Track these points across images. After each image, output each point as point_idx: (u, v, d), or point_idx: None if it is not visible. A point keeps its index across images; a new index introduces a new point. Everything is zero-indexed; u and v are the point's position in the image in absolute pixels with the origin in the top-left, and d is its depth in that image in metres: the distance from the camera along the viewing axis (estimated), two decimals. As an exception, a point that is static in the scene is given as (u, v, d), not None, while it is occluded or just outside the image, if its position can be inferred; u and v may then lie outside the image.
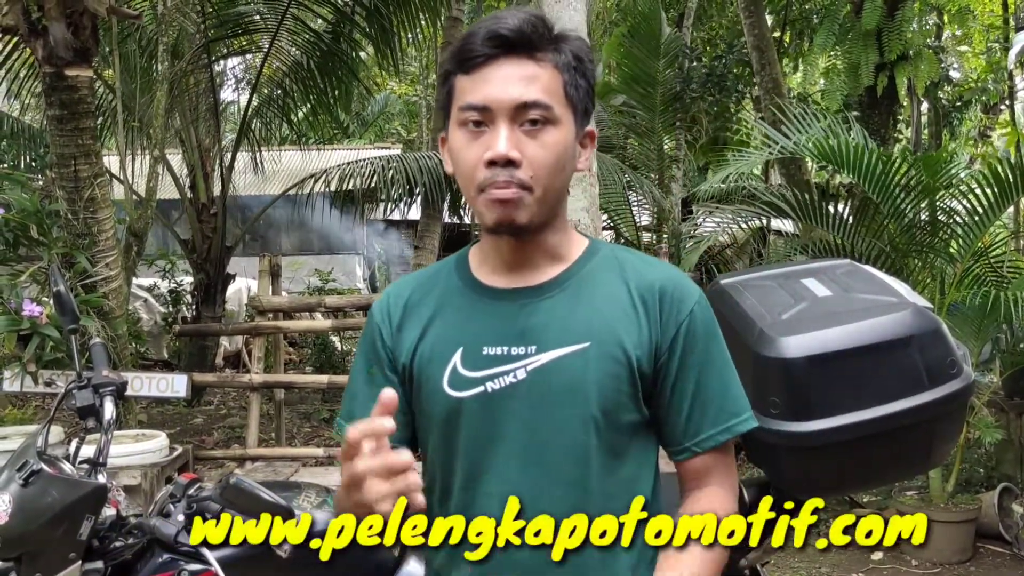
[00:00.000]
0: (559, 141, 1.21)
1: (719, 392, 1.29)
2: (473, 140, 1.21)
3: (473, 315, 1.30)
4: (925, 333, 1.70)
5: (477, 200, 1.22)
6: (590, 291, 1.28)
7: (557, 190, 1.25)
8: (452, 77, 1.25)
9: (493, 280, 1.31)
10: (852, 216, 5.33)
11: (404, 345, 1.33)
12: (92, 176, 4.48)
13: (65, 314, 2.08)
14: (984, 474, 5.01)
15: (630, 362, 1.23)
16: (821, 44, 8.43)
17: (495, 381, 1.25)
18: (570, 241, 1.33)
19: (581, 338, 1.24)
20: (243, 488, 1.73)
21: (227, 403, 8.45)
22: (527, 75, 1.20)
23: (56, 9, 4.20)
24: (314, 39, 8.28)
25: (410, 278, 1.42)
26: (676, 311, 1.26)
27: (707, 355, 1.28)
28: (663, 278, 1.29)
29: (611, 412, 1.23)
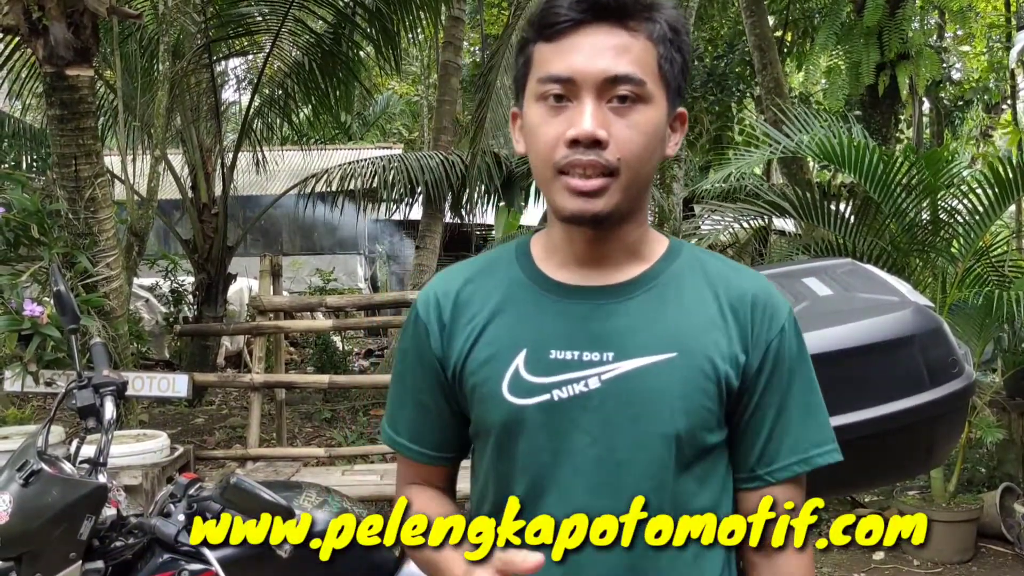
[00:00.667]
0: (650, 121, 1.08)
1: (802, 418, 1.15)
2: (553, 116, 1.07)
3: (539, 313, 1.15)
4: (927, 332, 1.70)
5: (553, 184, 1.08)
6: (676, 295, 1.15)
7: (644, 177, 1.11)
8: (531, 45, 1.12)
9: (563, 275, 1.17)
10: (853, 215, 5.33)
11: (455, 347, 1.18)
12: (93, 176, 4.48)
13: (65, 314, 2.08)
14: (986, 474, 5.00)
15: (718, 377, 1.11)
16: (823, 43, 8.43)
17: (563, 389, 1.11)
18: (651, 238, 1.20)
19: (667, 347, 1.10)
20: (243, 488, 1.73)
21: (228, 403, 8.45)
22: (618, 45, 1.06)
23: (57, 9, 4.20)
24: (315, 40, 8.28)
25: (459, 268, 1.26)
26: (767, 326, 1.14)
27: (794, 377, 1.15)
28: (755, 288, 1.16)
29: (696, 432, 1.11)
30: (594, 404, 1.10)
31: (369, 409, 7.96)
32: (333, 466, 5.47)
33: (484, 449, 1.19)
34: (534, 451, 1.12)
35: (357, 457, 5.77)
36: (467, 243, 14.47)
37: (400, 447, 1.27)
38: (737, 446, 1.17)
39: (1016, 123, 10.89)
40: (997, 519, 4.44)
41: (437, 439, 1.26)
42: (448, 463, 1.28)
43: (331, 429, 7.33)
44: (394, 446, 1.28)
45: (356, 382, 6.89)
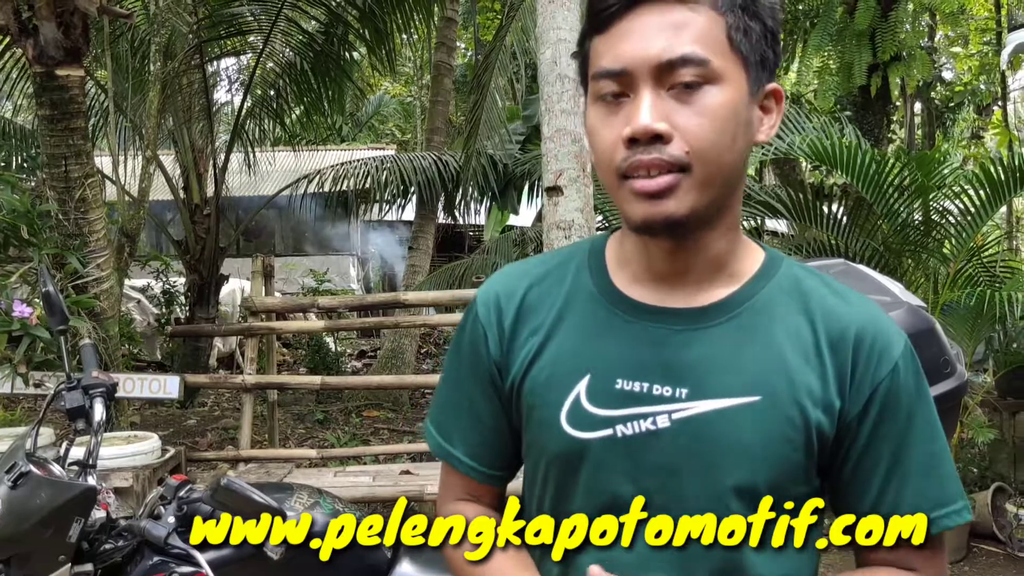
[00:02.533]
0: (724, 103, 0.92)
1: (923, 470, 0.99)
2: (611, 115, 0.94)
3: (606, 334, 1.01)
4: (919, 332, 1.70)
5: (619, 192, 0.95)
6: (766, 325, 0.99)
7: (726, 170, 0.94)
8: (587, 40, 0.99)
9: (637, 291, 1.02)
10: (846, 216, 5.34)
11: (517, 357, 1.05)
12: (83, 176, 4.46)
13: (54, 315, 2.07)
14: (978, 474, 5.02)
15: (808, 425, 0.96)
16: (815, 44, 8.44)
17: (628, 425, 0.98)
18: (743, 250, 1.03)
19: (751, 389, 0.96)
20: (234, 489, 1.72)
21: (220, 404, 8.43)
22: (673, 23, 0.91)
23: (46, 8, 4.18)
24: (307, 40, 8.27)
25: (525, 267, 1.12)
26: (875, 366, 0.97)
27: (910, 422, 0.99)
28: (862, 320, 0.99)
29: (779, 486, 0.96)
30: (662, 445, 0.97)
31: (362, 410, 7.95)
32: (325, 467, 5.46)
33: (536, 474, 1.08)
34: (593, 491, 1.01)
35: (350, 458, 5.77)
36: (460, 243, 14.47)
37: (453, 460, 1.13)
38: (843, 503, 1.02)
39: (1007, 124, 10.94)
40: (989, 519, 4.45)
41: (493, 456, 1.13)
42: (501, 482, 1.16)
43: (323, 430, 7.31)
44: (447, 458, 1.14)
45: (349, 383, 6.88)
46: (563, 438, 1.01)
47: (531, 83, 10.77)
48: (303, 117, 9.60)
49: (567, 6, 4.09)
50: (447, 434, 1.14)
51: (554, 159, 3.98)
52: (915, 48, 8.39)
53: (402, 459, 5.34)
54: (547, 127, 4.07)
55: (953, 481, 1.02)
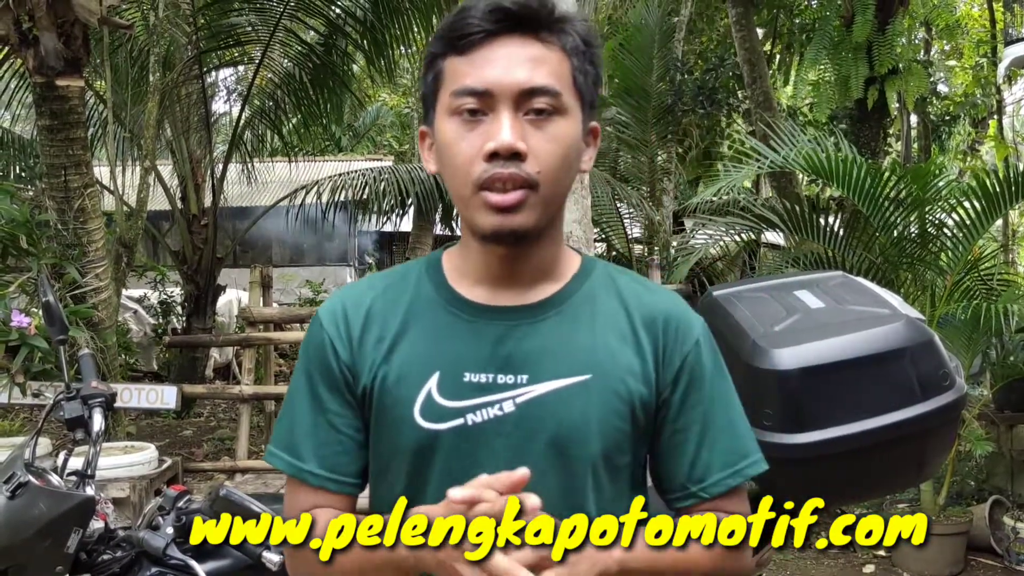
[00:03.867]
0: (568, 134, 1.06)
1: (727, 431, 1.15)
2: (469, 130, 1.04)
3: (452, 334, 1.11)
4: (918, 345, 1.71)
5: (471, 201, 1.05)
6: (589, 315, 1.13)
7: (562, 193, 1.09)
8: (441, 59, 1.08)
9: (475, 294, 1.13)
10: (842, 229, 5.35)
11: (366, 363, 1.12)
12: (82, 186, 4.47)
13: (53, 324, 2.07)
14: (975, 487, 5.02)
15: (632, 398, 1.10)
16: (812, 58, 8.48)
17: (477, 413, 1.08)
18: (565, 256, 1.17)
19: (581, 369, 1.09)
20: (233, 500, 1.72)
21: (217, 415, 8.41)
22: (534, 57, 1.04)
23: (47, 19, 4.19)
24: (306, 51, 8.29)
25: (368, 282, 1.20)
26: (680, 343, 1.13)
27: (713, 391, 1.15)
28: (667, 306, 1.15)
29: (610, 454, 1.10)
30: (508, 429, 1.07)
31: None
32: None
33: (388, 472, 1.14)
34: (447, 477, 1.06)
35: (346, 469, 5.74)
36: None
37: (304, 475, 1.14)
38: (664, 465, 1.16)
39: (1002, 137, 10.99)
40: (986, 532, 4.45)
41: (350, 463, 1.15)
42: (355, 491, 1.18)
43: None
44: (298, 475, 1.15)
45: (346, 394, 6.85)
46: (417, 431, 1.09)
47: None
48: (301, 128, 9.62)
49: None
50: (297, 452, 1.15)
51: (552, 171, 4.00)
52: (911, 62, 8.43)
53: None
54: (545, 139, 4.08)
55: (751, 439, 1.18)
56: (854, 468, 1.78)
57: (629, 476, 1.15)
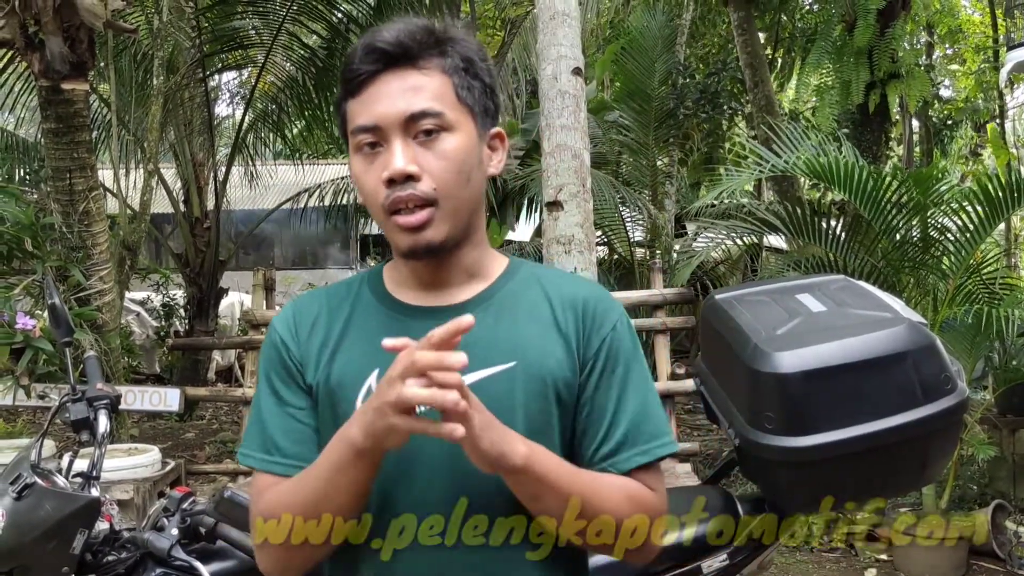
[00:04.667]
0: (459, 147, 1.15)
1: (639, 412, 1.21)
2: (370, 163, 1.15)
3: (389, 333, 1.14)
4: (920, 349, 1.71)
5: (386, 225, 1.16)
6: (513, 309, 1.22)
7: (467, 201, 1.18)
8: (344, 103, 1.19)
9: (409, 298, 1.24)
10: (844, 233, 5.36)
11: (312, 362, 1.22)
12: (87, 189, 4.48)
13: (59, 327, 2.08)
14: (977, 491, 5.01)
15: (555, 381, 1.18)
16: (814, 62, 8.50)
17: None
18: (490, 259, 1.27)
19: (506, 358, 1.17)
20: (237, 502, 1.73)
21: (219, 417, 8.42)
22: (412, 86, 1.14)
23: (53, 23, 4.21)
24: (309, 54, 8.31)
25: (315, 293, 1.32)
26: (599, 326, 1.21)
27: (628, 373, 1.21)
28: (585, 293, 1.24)
29: (539, 435, 1.14)
30: None
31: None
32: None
33: None
34: (389, 464, 1.13)
35: (349, 472, 5.74)
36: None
37: (274, 466, 1.20)
38: (580, 440, 1.21)
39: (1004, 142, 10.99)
40: (989, 536, 4.44)
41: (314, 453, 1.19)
42: None
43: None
44: (268, 467, 1.21)
45: (348, 397, 6.86)
46: None
47: (531, 99, 10.82)
48: (304, 131, 9.64)
49: (568, 23, 4.13)
50: (266, 447, 1.22)
51: (554, 174, 4.00)
52: (912, 66, 8.44)
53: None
54: (547, 143, 4.09)
55: (664, 422, 1.24)
56: (856, 471, 1.79)
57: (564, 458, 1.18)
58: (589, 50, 11.38)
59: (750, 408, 1.79)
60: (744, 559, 2.06)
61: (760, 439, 1.75)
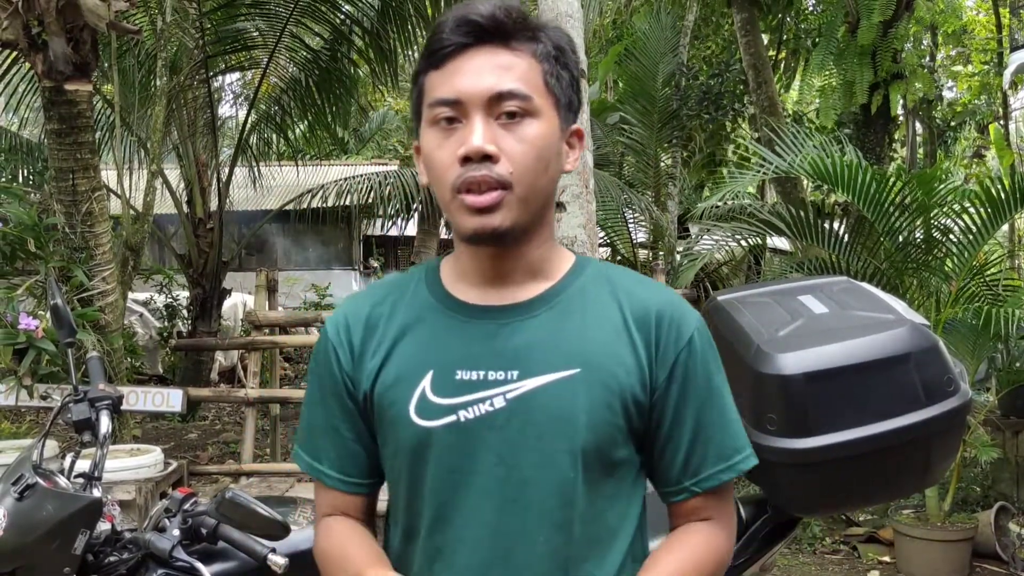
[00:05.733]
0: (541, 135, 1.10)
1: (720, 426, 1.16)
2: (446, 138, 1.09)
3: (445, 334, 1.15)
4: (923, 350, 1.71)
5: (452, 204, 1.10)
6: (580, 311, 1.15)
7: (541, 191, 1.12)
8: (422, 76, 1.14)
9: (469, 296, 1.17)
10: (847, 234, 5.35)
11: (365, 370, 1.18)
12: (90, 190, 4.48)
13: (62, 327, 2.08)
14: (980, 493, 5.00)
15: (623, 392, 1.11)
16: (818, 63, 8.48)
17: (469, 410, 1.11)
18: (556, 256, 1.20)
19: (570, 363, 1.11)
20: (239, 503, 1.73)
21: (222, 418, 8.42)
22: (501, 64, 1.09)
23: (56, 24, 4.21)
24: (312, 56, 8.31)
25: (369, 291, 1.26)
26: (675, 337, 1.14)
27: (708, 386, 1.16)
28: (661, 301, 1.16)
29: (602, 448, 1.11)
30: (499, 423, 1.10)
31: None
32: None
33: (394, 473, 1.19)
34: (441, 474, 1.12)
35: (351, 473, 5.75)
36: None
37: (321, 475, 1.23)
38: (659, 460, 1.17)
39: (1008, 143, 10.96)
40: (992, 538, 4.43)
41: (356, 467, 1.23)
42: (368, 491, 1.25)
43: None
44: (316, 475, 1.24)
45: (350, 398, 6.87)
46: (413, 428, 1.13)
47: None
48: (307, 132, 9.64)
49: (571, 24, 4.12)
50: (315, 453, 1.24)
51: (557, 176, 3.99)
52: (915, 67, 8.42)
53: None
54: (551, 144, 4.08)
55: (743, 434, 1.19)
56: (858, 473, 1.79)
57: (626, 473, 1.16)
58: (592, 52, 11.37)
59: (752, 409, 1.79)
60: (746, 561, 2.05)
61: (762, 441, 1.74)
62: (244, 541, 1.79)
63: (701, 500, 1.17)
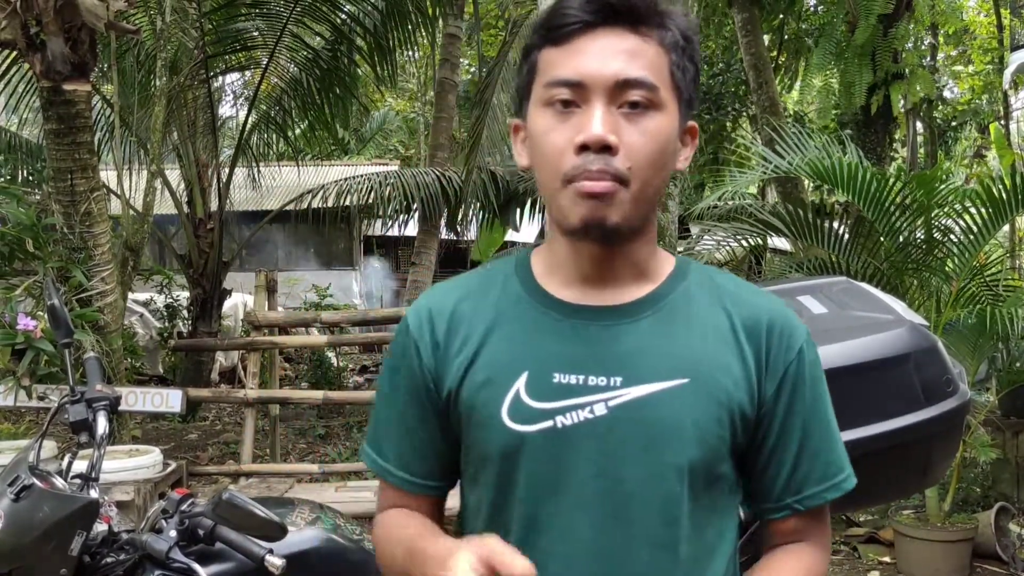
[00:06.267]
0: (663, 129, 1.02)
1: (825, 443, 1.11)
2: (561, 122, 1.01)
3: (540, 333, 1.07)
4: (922, 351, 1.70)
5: (561, 193, 1.01)
6: (686, 318, 1.08)
7: (655, 189, 1.04)
8: (536, 51, 1.05)
9: (565, 294, 1.09)
10: (847, 234, 5.34)
11: (451, 366, 1.10)
12: (88, 190, 4.48)
13: (59, 327, 2.07)
14: (981, 493, 5.00)
15: (731, 404, 1.04)
16: (818, 63, 8.49)
17: (567, 415, 1.03)
18: (658, 257, 1.13)
19: (678, 372, 1.04)
20: (236, 504, 1.73)
21: (222, 419, 8.42)
22: (630, 49, 1.00)
23: (54, 23, 4.21)
24: (312, 56, 8.31)
25: (454, 283, 1.18)
26: (785, 348, 1.08)
27: (814, 400, 1.10)
28: (771, 309, 1.10)
29: (708, 462, 1.04)
30: (600, 432, 1.03)
31: (363, 425, 7.94)
32: (327, 482, 5.45)
33: (478, 478, 1.11)
34: (534, 482, 1.05)
35: (351, 473, 5.75)
36: (463, 260, 14.49)
37: (386, 473, 1.17)
38: (763, 474, 1.11)
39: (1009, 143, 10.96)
40: (992, 539, 4.43)
41: (425, 466, 1.16)
42: (436, 493, 1.19)
43: (325, 445, 7.30)
44: (380, 472, 1.18)
45: (350, 398, 6.86)
46: (505, 433, 1.05)
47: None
48: (307, 132, 9.64)
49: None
50: (381, 450, 1.18)
51: (557, 176, 3.99)
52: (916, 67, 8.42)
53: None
54: (550, 144, 4.08)
55: (844, 452, 1.14)
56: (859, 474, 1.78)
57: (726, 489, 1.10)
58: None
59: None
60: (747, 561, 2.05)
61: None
62: (241, 542, 1.78)
63: (801, 520, 1.12)
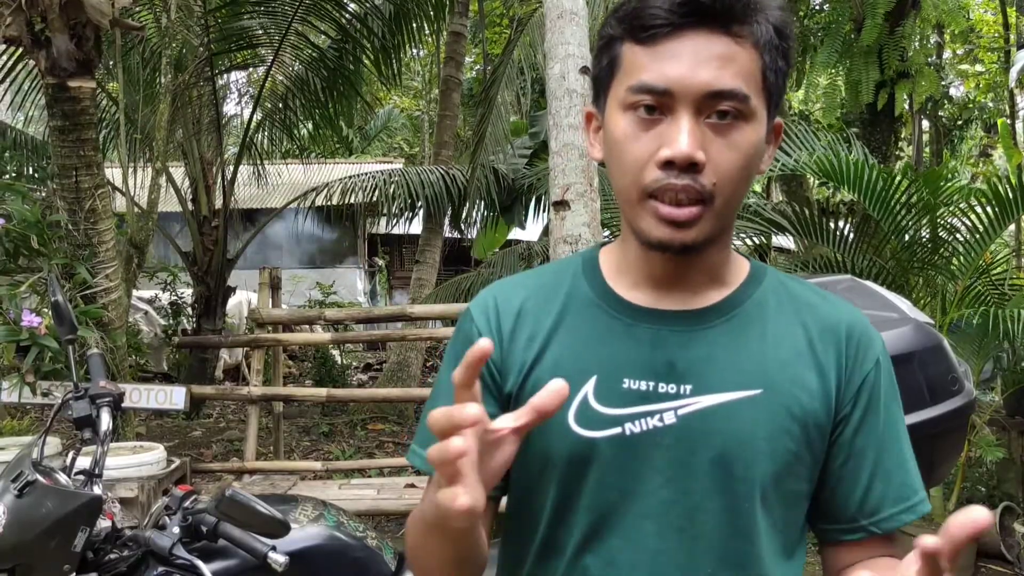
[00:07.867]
0: (751, 142, 0.95)
1: (899, 462, 1.05)
2: (643, 130, 0.95)
3: (609, 337, 1.03)
4: (927, 349, 1.70)
5: (639, 207, 0.97)
6: (760, 326, 1.03)
7: (739, 201, 0.99)
8: (619, 44, 0.98)
9: (635, 296, 1.04)
10: (853, 233, 5.33)
11: (515, 362, 1.05)
12: (93, 187, 4.48)
13: (63, 324, 2.08)
14: (985, 493, 4.99)
15: (806, 418, 1.00)
16: (823, 61, 8.46)
17: (636, 423, 0.99)
18: (732, 261, 1.07)
19: (751, 383, 0.99)
20: (239, 501, 1.73)
21: (226, 416, 8.43)
22: (722, 55, 0.93)
23: (59, 21, 4.21)
24: (317, 54, 8.32)
25: (520, 279, 1.13)
26: (863, 358, 1.03)
27: (888, 415, 1.04)
28: (848, 319, 1.05)
29: (780, 477, 0.99)
30: (669, 441, 0.99)
31: (367, 423, 7.95)
32: (330, 480, 5.45)
33: (537, 482, 1.05)
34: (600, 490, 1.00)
35: (354, 471, 5.76)
36: (466, 258, 14.49)
37: None
38: (833, 493, 1.05)
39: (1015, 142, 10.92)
40: (997, 539, 4.42)
41: None
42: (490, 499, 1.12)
43: (329, 443, 7.31)
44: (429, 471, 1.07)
45: (354, 396, 6.88)
46: (571, 438, 1.01)
47: (538, 98, 10.80)
48: (312, 130, 9.65)
49: (576, 21, 4.11)
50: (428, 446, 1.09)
51: (561, 174, 3.99)
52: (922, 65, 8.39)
53: (407, 472, 5.33)
54: (555, 142, 4.08)
55: (918, 473, 1.07)
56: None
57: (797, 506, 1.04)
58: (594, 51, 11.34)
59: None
60: None
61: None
62: (244, 539, 1.78)
63: (875, 544, 1.05)
